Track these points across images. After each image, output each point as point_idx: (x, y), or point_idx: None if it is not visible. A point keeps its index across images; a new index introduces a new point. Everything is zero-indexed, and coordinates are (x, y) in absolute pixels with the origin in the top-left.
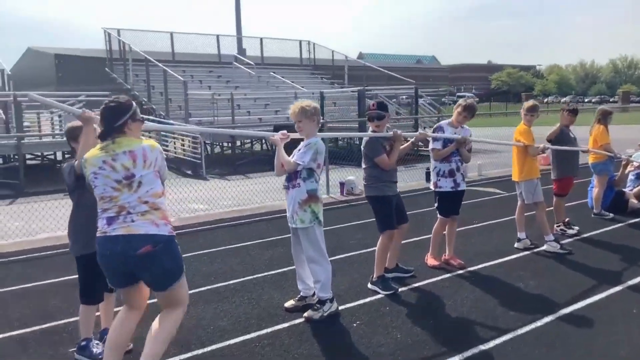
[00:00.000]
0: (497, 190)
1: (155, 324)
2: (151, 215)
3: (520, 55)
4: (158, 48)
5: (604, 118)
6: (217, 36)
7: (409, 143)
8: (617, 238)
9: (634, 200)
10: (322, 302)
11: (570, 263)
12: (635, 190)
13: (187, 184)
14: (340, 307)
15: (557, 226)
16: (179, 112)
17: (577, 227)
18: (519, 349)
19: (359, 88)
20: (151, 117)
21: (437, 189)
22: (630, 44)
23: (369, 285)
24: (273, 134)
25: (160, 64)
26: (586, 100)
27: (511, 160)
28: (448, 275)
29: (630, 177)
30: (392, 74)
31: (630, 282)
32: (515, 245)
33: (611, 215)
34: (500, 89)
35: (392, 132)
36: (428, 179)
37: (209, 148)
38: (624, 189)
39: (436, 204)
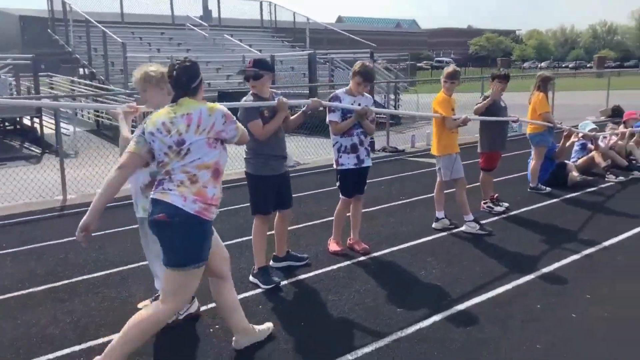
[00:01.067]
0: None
1: (134, 319)
2: (185, 189)
3: (501, 20)
4: (106, 8)
5: (544, 85)
6: None
7: (299, 113)
8: (547, 216)
9: (574, 173)
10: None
11: (486, 246)
12: (579, 161)
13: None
14: (207, 307)
15: (484, 203)
16: (120, 76)
17: (506, 204)
18: (387, 357)
19: (310, 51)
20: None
21: (338, 167)
22: (611, 9)
23: (250, 278)
24: (115, 107)
25: (100, 25)
26: (563, 65)
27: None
28: (347, 263)
29: (575, 147)
30: (353, 37)
31: (545, 270)
32: (433, 225)
33: (548, 189)
34: (478, 54)
35: (277, 100)
36: (373, 149)
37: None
38: (566, 161)
39: (338, 183)
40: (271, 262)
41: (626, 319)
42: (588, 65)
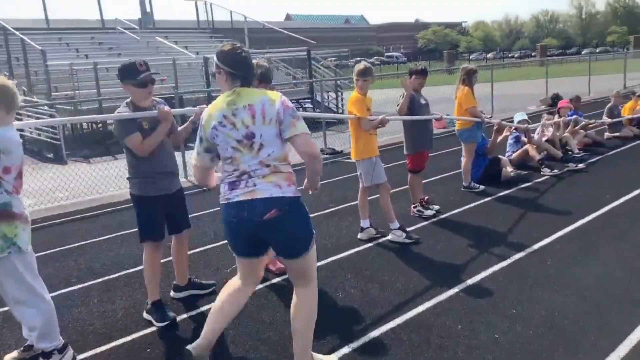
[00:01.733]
0: None
1: (294, 317)
2: (273, 177)
3: (448, 12)
4: (30, 14)
5: (469, 78)
6: None
7: (187, 123)
8: (478, 217)
9: (507, 169)
10: (46, 355)
11: (411, 257)
12: (514, 155)
13: (39, 170)
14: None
15: (414, 207)
16: (43, 86)
17: (436, 207)
18: None
19: None
20: None
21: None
22: None
23: (144, 314)
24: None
25: (17, 32)
26: (509, 55)
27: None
28: (259, 287)
29: (509, 140)
30: (293, 34)
31: (470, 281)
32: (359, 236)
33: (482, 187)
34: (427, 48)
35: (158, 110)
36: None
37: (69, 126)
38: (499, 156)
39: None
40: (171, 293)
41: (552, 338)
42: (533, 55)
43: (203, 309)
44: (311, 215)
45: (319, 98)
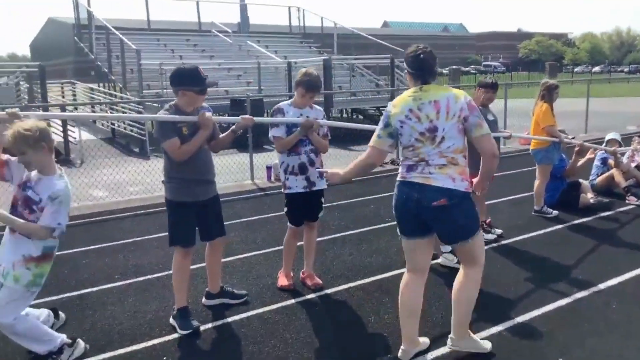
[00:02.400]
0: None
1: (455, 289)
2: (449, 170)
3: (553, 23)
4: (134, 16)
5: (549, 94)
6: (197, 2)
7: (228, 132)
8: (544, 245)
9: (587, 195)
10: (55, 354)
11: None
12: (598, 180)
13: (122, 164)
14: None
15: None
16: (137, 83)
17: (499, 231)
18: None
19: (325, 57)
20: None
21: (286, 190)
22: None
23: (170, 320)
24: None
25: (117, 32)
26: (618, 69)
27: None
28: (291, 301)
29: (596, 162)
30: (380, 41)
31: (520, 319)
32: None
33: (555, 213)
34: (528, 58)
35: (199, 115)
36: None
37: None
38: (580, 180)
39: (285, 209)
40: (203, 300)
41: None
42: None
43: (230, 319)
44: (364, 230)
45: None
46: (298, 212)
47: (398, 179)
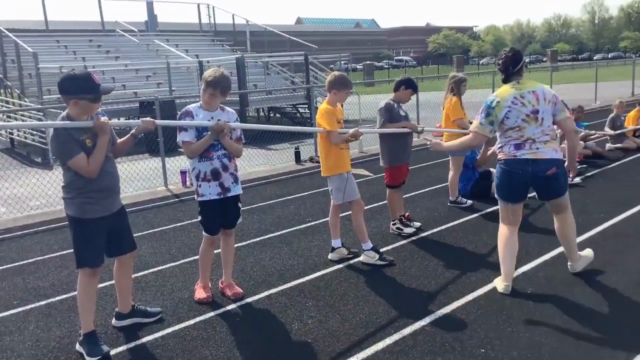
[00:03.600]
0: (366, 173)
1: (559, 232)
2: (551, 144)
3: (459, 16)
4: (28, 16)
5: (457, 87)
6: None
7: (128, 136)
8: (462, 236)
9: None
10: None
11: (382, 282)
12: None
13: (22, 176)
14: None
15: (393, 224)
16: (35, 89)
17: (417, 224)
18: None
19: (238, 55)
20: None
21: (199, 198)
22: (564, 2)
23: (77, 346)
24: None
25: (10, 35)
26: None
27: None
28: (210, 314)
29: None
30: (295, 39)
31: (441, 312)
32: (329, 256)
33: (469, 202)
34: (437, 52)
35: (94, 121)
36: (298, 160)
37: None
38: (490, 169)
39: (199, 218)
40: (113, 321)
41: None
42: (544, 60)
43: (144, 340)
44: (284, 232)
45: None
46: (213, 220)
47: (505, 157)
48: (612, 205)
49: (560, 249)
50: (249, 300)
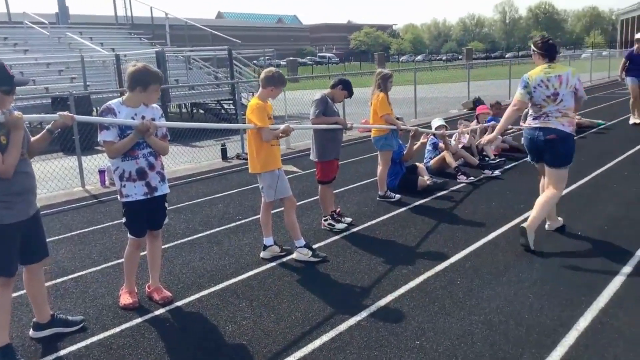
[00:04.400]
0: (295, 169)
1: (539, 199)
2: (561, 119)
3: (379, 14)
4: None
5: (384, 83)
6: None
7: (44, 132)
8: (392, 230)
9: (424, 177)
10: None
11: (316, 278)
12: (432, 162)
13: None
14: None
15: (325, 220)
16: None
17: (349, 219)
18: None
19: (158, 49)
20: None
21: (123, 199)
22: (478, 2)
23: None
24: None
25: None
26: (437, 57)
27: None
28: (136, 321)
29: (428, 147)
30: (217, 33)
31: (375, 306)
32: (261, 254)
33: (398, 196)
34: (358, 49)
35: (4, 115)
36: (225, 157)
37: None
38: (416, 164)
39: (124, 220)
40: (31, 332)
41: None
42: (459, 57)
43: (66, 351)
44: (212, 232)
45: (244, 101)
46: (139, 221)
47: (526, 125)
48: (530, 196)
49: (490, 237)
50: (178, 304)
